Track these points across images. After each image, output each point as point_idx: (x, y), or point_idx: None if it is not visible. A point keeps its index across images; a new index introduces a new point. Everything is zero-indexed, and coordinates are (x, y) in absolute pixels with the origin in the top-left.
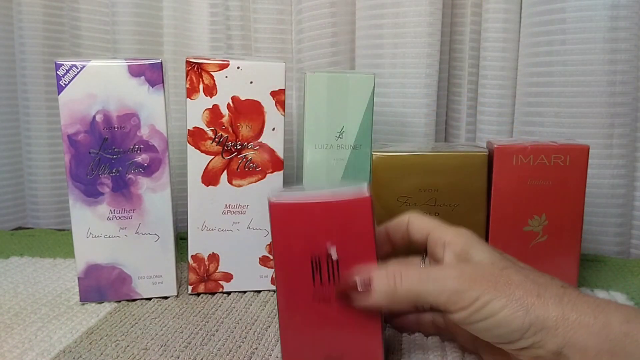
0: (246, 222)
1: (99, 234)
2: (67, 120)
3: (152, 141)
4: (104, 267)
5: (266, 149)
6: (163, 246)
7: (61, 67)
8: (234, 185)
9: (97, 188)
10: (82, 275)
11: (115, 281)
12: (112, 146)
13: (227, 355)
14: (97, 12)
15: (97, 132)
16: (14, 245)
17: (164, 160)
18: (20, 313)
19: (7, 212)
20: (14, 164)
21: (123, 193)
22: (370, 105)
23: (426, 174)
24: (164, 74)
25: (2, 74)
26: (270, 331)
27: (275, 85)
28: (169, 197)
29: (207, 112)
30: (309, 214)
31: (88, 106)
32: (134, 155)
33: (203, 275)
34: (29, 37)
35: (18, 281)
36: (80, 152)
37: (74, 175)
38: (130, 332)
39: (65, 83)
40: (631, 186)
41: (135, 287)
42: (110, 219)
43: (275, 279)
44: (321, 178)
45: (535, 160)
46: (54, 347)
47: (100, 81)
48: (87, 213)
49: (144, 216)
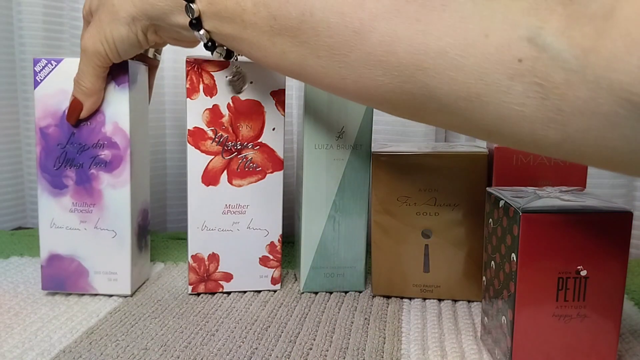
0: (246, 222)
1: (61, 225)
2: (40, 114)
3: (114, 138)
4: (65, 258)
5: (266, 149)
6: (119, 243)
7: (38, 63)
8: (234, 185)
9: (62, 180)
10: (45, 264)
11: (74, 273)
12: (79, 141)
13: (227, 355)
14: None
15: (66, 126)
16: (14, 245)
17: (125, 158)
18: (20, 313)
19: (7, 212)
20: (14, 164)
21: (85, 187)
22: None
23: (426, 174)
24: (132, 73)
25: (2, 74)
26: (270, 331)
27: (276, 86)
28: (128, 194)
29: (207, 112)
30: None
31: (59, 101)
32: (97, 150)
33: (203, 275)
34: (28, 37)
35: (18, 281)
36: (49, 145)
37: (43, 167)
38: (131, 332)
39: (41, 78)
40: (631, 186)
41: (92, 282)
42: (73, 211)
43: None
44: (321, 178)
45: (535, 160)
46: (54, 347)
47: (71, 77)
48: (52, 203)
49: (103, 211)
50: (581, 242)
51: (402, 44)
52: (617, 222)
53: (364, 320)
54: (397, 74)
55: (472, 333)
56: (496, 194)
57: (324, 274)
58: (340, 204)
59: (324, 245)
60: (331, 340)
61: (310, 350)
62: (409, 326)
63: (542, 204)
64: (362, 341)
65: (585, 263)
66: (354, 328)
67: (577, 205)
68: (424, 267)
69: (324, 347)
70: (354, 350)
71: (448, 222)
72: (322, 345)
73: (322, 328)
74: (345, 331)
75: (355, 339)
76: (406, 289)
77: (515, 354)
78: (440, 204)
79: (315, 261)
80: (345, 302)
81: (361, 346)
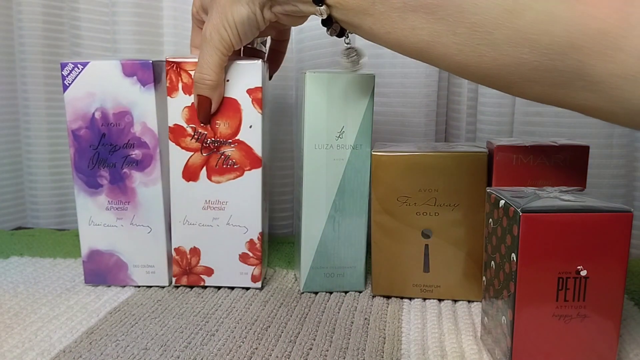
0: (225, 219)
1: (99, 222)
2: (71, 116)
3: (144, 138)
4: (104, 253)
5: (244, 147)
6: (155, 238)
7: (66, 67)
8: (213, 182)
9: (97, 180)
10: (86, 259)
11: (114, 267)
12: (109, 141)
13: (227, 355)
14: (97, 12)
15: (96, 128)
16: (14, 245)
17: (154, 157)
18: (20, 313)
19: (7, 212)
20: (14, 164)
21: (119, 186)
22: (370, 105)
23: (426, 174)
24: (156, 73)
25: (2, 74)
26: (270, 331)
27: (252, 83)
28: (160, 191)
29: (186, 110)
30: (561, 228)
31: (88, 104)
32: (128, 150)
33: (185, 268)
34: (28, 37)
35: (18, 281)
36: (82, 146)
37: (78, 167)
38: (131, 331)
39: (69, 82)
40: (631, 186)
41: (131, 275)
42: (109, 209)
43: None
44: (321, 178)
45: (535, 160)
46: (54, 347)
47: (98, 80)
48: (88, 202)
49: (138, 208)
50: (581, 242)
51: (560, 23)
52: (617, 222)
53: (364, 320)
54: (546, 51)
55: (472, 333)
56: (496, 194)
57: (324, 274)
58: (340, 204)
59: (324, 245)
60: (331, 340)
61: (310, 350)
62: (409, 326)
63: (542, 204)
64: (362, 341)
65: (585, 263)
66: (354, 328)
67: (577, 205)
68: (424, 267)
69: (324, 347)
70: (354, 350)
71: (448, 222)
72: (322, 345)
73: (322, 328)
74: (345, 331)
75: (355, 339)
76: (406, 289)
77: (515, 354)
78: (440, 204)
79: (315, 261)
80: (345, 302)
81: (361, 346)
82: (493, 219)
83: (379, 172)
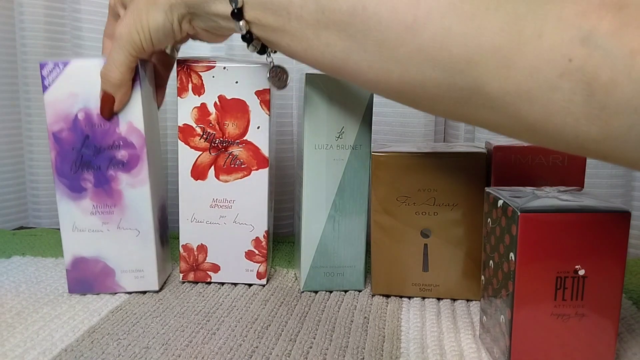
0: (232, 217)
1: (83, 228)
2: (51, 118)
3: (130, 138)
4: (89, 260)
5: (251, 147)
6: (143, 241)
7: (45, 67)
8: (220, 181)
9: (80, 184)
10: (70, 268)
11: (100, 274)
12: (93, 143)
13: (228, 354)
14: (99, 13)
15: (79, 130)
16: (15, 245)
17: (141, 157)
18: (22, 312)
19: (9, 211)
20: (15, 164)
21: (104, 189)
22: (370, 105)
23: (426, 174)
24: (142, 71)
25: (3, 74)
26: (270, 330)
27: (260, 85)
28: (148, 192)
29: (195, 110)
30: (560, 227)
31: (70, 105)
32: (113, 151)
33: (192, 264)
34: (30, 38)
35: (20, 280)
36: (64, 149)
37: (59, 171)
38: (132, 330)
39: (49, 83)
40: (629, 186)
41: (119, 281)
42: (94, 214)
43: (513, 288)
44: (321, 178)
45: (533, 160)
46: (55, 346)
47: (81, 80)
48: (72, 207)
49: (125, 211)
50: (579, 242)
51: (456, 40)
52: (615, 222)
53: (364, 319)
54: (446, 68)
55: (470, 332)
56: (495, 194)
57: (324, 273)
58: (340, 204)
59: (323, 244)
60: (331, 339)
61: (310, 349)
62: (408, 325)
63: (540, 203)
64: (362, 340)
65: (583, 262)
66: (353, 327)
67: (576, 205)
68: (423, 266)
69: (324, 345)
70: (353, 349)
71: (447, 221)
72: (322, 344)
73: (322, 327)
74: (345, 330)
75: (355, 338)
76: (405, 288)
77: (513, 353)
78: (439, 204)
79: (315, 261)
80: (345, 301)
81: (361, 345)
82: (492, 219)
83: (379, 172)
